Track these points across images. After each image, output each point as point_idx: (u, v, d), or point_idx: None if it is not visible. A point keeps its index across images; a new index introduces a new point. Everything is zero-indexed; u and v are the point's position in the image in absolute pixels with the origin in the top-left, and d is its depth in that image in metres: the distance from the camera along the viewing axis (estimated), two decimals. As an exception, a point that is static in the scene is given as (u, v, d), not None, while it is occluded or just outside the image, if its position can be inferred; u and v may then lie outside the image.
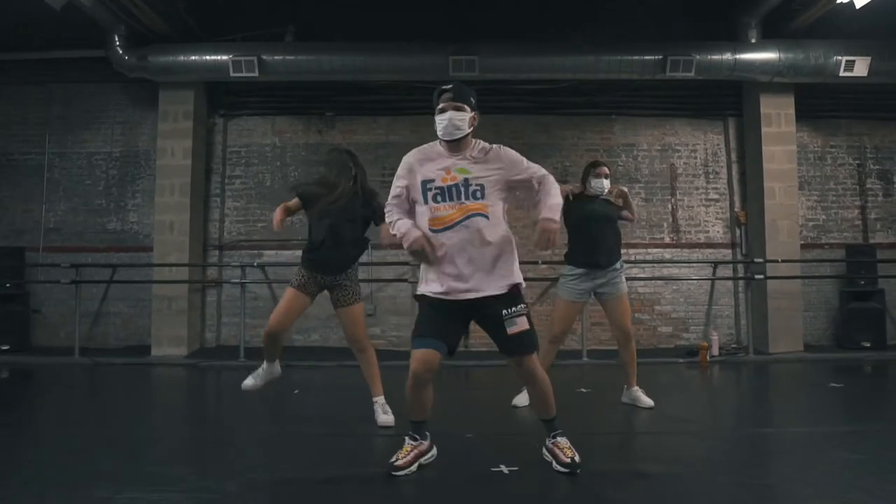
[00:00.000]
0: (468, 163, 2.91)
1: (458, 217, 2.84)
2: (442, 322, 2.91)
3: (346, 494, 2.80)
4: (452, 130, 2.89)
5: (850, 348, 7.15)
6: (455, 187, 2.86)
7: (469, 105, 2.93)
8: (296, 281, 3.94)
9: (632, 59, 6.92)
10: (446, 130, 2.89)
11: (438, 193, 2.88)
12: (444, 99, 2.92)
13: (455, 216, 2.84)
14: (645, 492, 2.82)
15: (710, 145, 7.93)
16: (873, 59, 6.83)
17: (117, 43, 6.97)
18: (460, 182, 2.86)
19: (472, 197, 2.85)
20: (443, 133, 2.92)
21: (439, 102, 2.93)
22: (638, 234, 7.78)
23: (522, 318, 2.87)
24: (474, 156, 2.93)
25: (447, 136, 2.91)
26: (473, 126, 2.96)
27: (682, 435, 3.79)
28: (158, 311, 7.23)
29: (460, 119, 2.88)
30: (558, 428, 3.08)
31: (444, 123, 2.89)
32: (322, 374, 6.30)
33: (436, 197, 2.88)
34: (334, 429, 3.92)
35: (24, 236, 7.73)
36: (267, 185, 7.83)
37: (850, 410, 4.74)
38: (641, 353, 6.96)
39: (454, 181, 2.86)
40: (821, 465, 3.15)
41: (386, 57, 6.99)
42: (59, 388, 5.68)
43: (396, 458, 2.96)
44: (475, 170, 2.89)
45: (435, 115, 2.94)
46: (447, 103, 2.90)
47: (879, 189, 7.95)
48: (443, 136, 2.93)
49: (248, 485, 2.85)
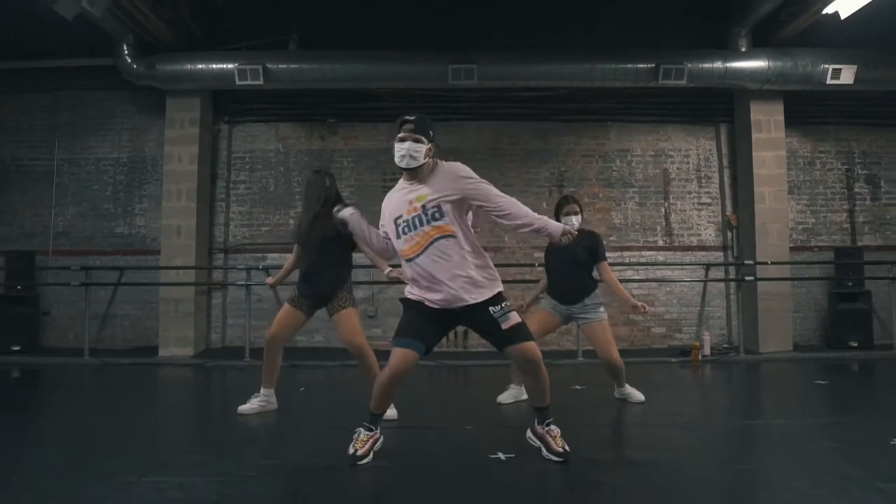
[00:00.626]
0: (423, 187, 3.05)
1: (425, 243, 3.00)
2: (423, 324, 3.11)
3: (352, 480, 2.99)
4: (409, 160, 3.03)
5: (838, 348, 7.35)
6: (417, 217, 3.02)
7: (427, 137, 3.06)
8: (291, 296, 4.20)
9: (626, 67, 7.14)
10: (403, 159, 3.04)
11: (405, 225, 3.05)
12: (405, 129, 3.06)
13: (422, 242, 3.01)
14: (635, 476, 3.02)
15: (702, 151, 8.16)
16: (859, 68, 7.05)
17: (125, 52, 7.15)
18: (420, 210, 3.01)
19: (433, 219, 2.99)
20: (399, 161, 3.07)
21: (400, 131, 3.07)
22: (632, 237, 8.00)
23: (512, 312, 3.09)
24: (426, 179, 3.07)
25: (403, 164, 3.06)
26: (429, 157, 3.08)
27: (672, 427, 3.99)
28: (166, 313, 7.41)
29: (417, 150, 3.02)
30: (551, 416, 3.27)
31: (402, 152, 3.04)
32: (325, 373, 6.49)
33: (404, 230, 3.06)
34: (339, 422, 4.09)
35: (33, 240, 7.93)
36: (271, 191, 8.03)
37: (832, 405, 4.95)
38: (636, 353, 7.29)
39: (416, 211, 3.02)
40: (804, 453, 3.35)
41: (387, 65, 7.20)
42: (72, 387, 5.85)
43: (356, 450, 3.15)
44: (428, 192, 3.03)
45: (395, 142, 3.09)
46: (407, 133, 3.04)
47: (867, 193, 8.18)
48: (399, 164, 3.07)
49: (264, 470, 3.05)
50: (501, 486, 2.89)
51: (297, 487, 2.88)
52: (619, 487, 2.86)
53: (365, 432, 3.24)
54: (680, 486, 2.88)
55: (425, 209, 3.00)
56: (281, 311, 4.20)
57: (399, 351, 3.06)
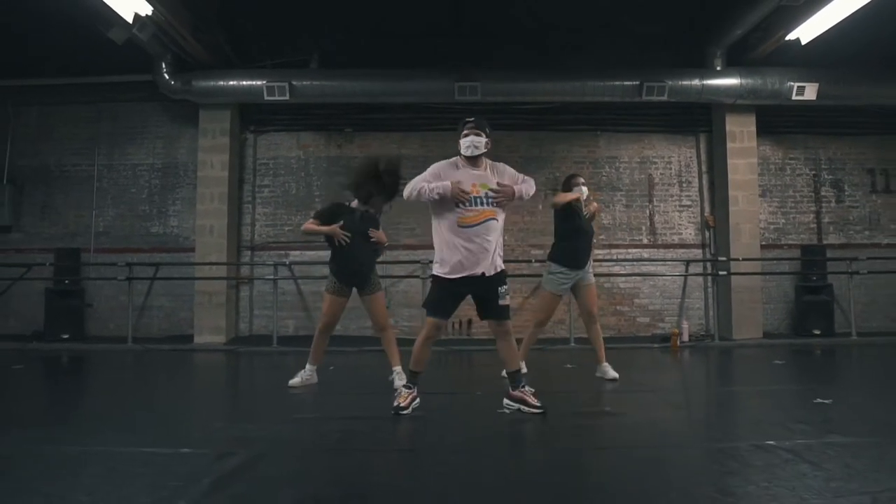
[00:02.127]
0: (487, 175, 3.94)
1: (480, 219, 3.85)
2: (448, 298, 3.99)
3: (395, 428, 3.83)
4: (473, 150, 3.92)
5: (803, 335, 8.21)
6: (479, 198, 3.87)
7: (485, 133, 3.96)
8: (330, 286, 4.93)
9: (613, 84, 8.00)
10: (468, 149, 3.92)
11: (474, 198, 3.87)
12: (468, 127, 3.96)
13: (478, 218, 3.85)
14: (611, 422, 3.88)
15: (683, 158, 9.01)
16: (821, 85, 7.90)
17: (164, 69, 7.96)
18: (481, 194, 3.88)
19: (489, 205, 3.88)
20: (465, 150, 3.94)
21: (464, 129, 3.96)
22: (619, 236, 8.86)
23: (507, 296, 4.03)
24: (488, 173, 3.96)
25: (468, 153, 3.93)
26: (488, 148, 3.98)
27: (648, 393, 4.86)
28: (200, 304, 8.24)
29: (478, 142, 3.92)
30: (523, 379, 4.12)
31: (467, 144, 3.93)
32: (346, 358, 7.32)
33: (471, 200, 3.86)
34: (374, 389, 4.95)
35: (77, 239, 8.74)
36: (292, 194, 8.86)
37: (780, 378, 5.85)
38: (622, 339, 8.17)
39: (478, 193, 3.87)
40: (747, 411, 4.24)
41: (399, 82, 8.05)
42: (120, 369, 6.70)
43: (398, 403, 3.98)
44: (491, 184, 3.90)
45: (460, 139, 3.97)
46: (470, 130, 3.94)
47: (832, 196, 9.04)
48: (465, 152, 3.94)
49: (322, 420, 3.91)
50: (505, 431, 3.75)
51: (352, 429, 3.72)
52: (597, 429, 3.72)
53: (405, 390, 4.07)
54: (650, 426, 3.75)
55: (487, 195, 3.86)
56: (327, 303, 4.96)
57: (434, 320, 3.98)
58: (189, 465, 2.95)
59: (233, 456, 3.03)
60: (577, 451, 3.30)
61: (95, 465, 2.93)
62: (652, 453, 3.17)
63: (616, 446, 3.38)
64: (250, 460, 2.99)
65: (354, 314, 8.51)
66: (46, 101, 8.82)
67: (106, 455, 3.09)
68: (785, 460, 2.88)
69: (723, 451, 3.11)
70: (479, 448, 3.34)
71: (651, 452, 3.19)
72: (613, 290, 8.75)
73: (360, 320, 8.61)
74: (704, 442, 3.46)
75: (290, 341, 7.75)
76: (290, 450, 3.31)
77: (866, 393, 4.80)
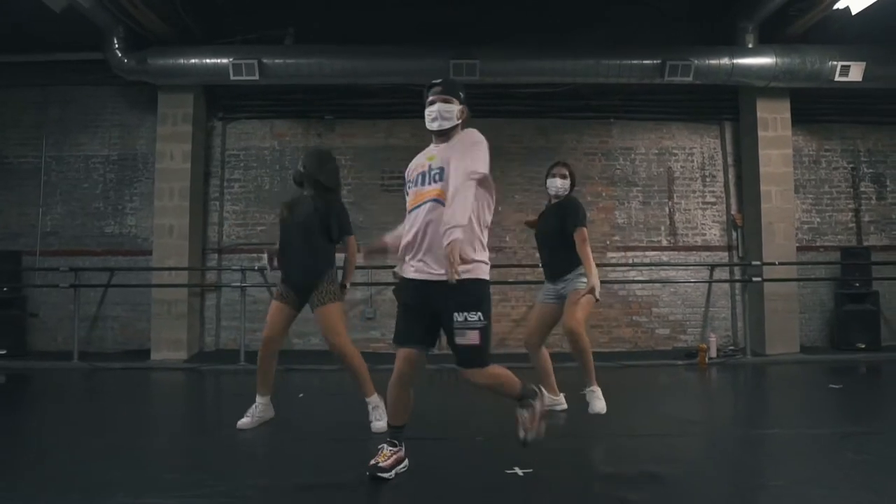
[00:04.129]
0: (441, 147, 2.92)
1: (416, 202, 2.87)
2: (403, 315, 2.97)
3: (361, 499, 2.81)
4: (441, 122, 2.90)
5: (845, 350, 7.24)
6: (422, 174, 2.89)
7: (457, 98, 2.94)
8: (278, 291, 4.01)
9: (631, 63, 6.98)
10: (434, 122, 2.92)
11: (411, 181, 2.95)
12: (433, 92, 2.95)
13: (415, 201, 2.88)
14: (657, 493, 2.86)
15: (706, 149, 8.02)
16: (868, 65, 6.93)
17: (115, 45, 6.92)
18: (426, 168, 2.89)
19: (432, 181, 2.83)
20: (430, 123, 2.94)
21: (429, 96, 2.96)
22: (636, 237, 7.85)
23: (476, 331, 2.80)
24: (450, 144, 2.92)
25: (434, 125, 2.92)
26: (462, 118, 2.96)
27: (687, 437, 3.83)
28: (158, 315, 7.20)
29: (447, 110, 2.90)
30: None
31: (432, 115, 2.92)
32: (322, 377, 6.30)
33: (409, 185, 2.97)
34: (341, 434, 3.92)
35: (20, 240, 7.68)
36: (266, 189, 7.83)
37: (851, 412, 4.80)
38: (640, 355, 7.13)
39: (423, 168, 2.90)
40: (829, 465, 3.20)
41: (386, 60, 7.02)
42: (60, 394, 5.64)
43: (377, 462, 2.94)
44: (440, 153, 2.89)
45: (425, 109, 2.96)
46: (436, 96, 2.92)
47: (873, 192, 8.06)
48: (430, 126, 2.95)
49: (266, 490, 2.87)
50: None
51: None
52: None
53: (388, 447, 3.02)
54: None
55: (430, 168, 2.87)
56: (270, 311, 3.98)
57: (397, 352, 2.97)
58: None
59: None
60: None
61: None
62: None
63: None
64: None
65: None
66: (-16, 83, 7.75)
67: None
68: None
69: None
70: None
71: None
72: (629, 299, 7.74)
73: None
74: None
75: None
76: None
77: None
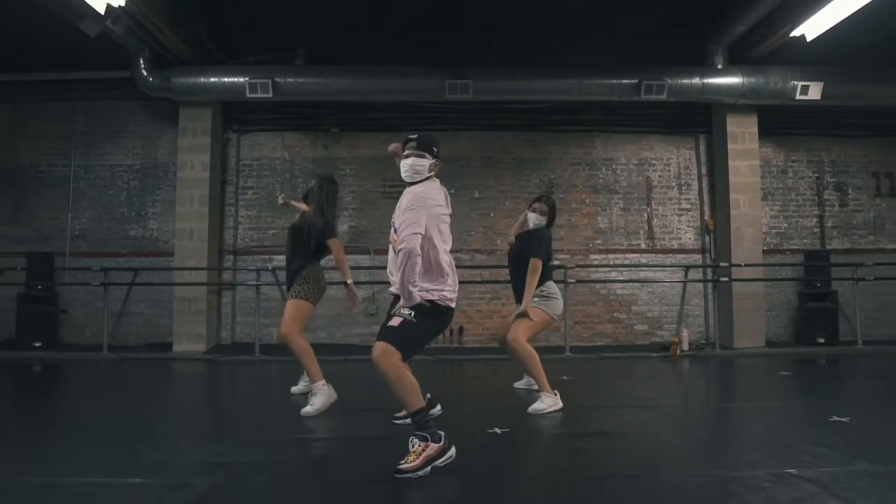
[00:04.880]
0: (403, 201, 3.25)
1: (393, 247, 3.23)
2: None
3: (363, 458, 3.49)
4: (412, 174, 3.29)
5: (807, 344, 7.90)
6: (393, 223, 3.27)
7: (430, 153, 3.31)
8: None
9: (610, 82, 7.67)
10: (407, 174, 3.31)
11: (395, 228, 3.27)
12: (409, 146, 3.33)
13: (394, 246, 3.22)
14: (611, 446, 3.54)
15: (682, 160, 8.71)
16: (826, 85, 7.60)
17: (142, 65, 7.59)
18: (394, 217, 3.26)
19: (394, 231, 3.22)
20: (403, 174, 3.33)
21: (405, 149, 3.35)
22: (616, 241, 8.54)
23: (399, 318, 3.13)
24: None
25: (406, 177, 3.31)
26: (434, 171, 3.34)
27: (651, 410, 4.52)
28: (180, 311, 7.87)
29: (420, 164, 3.28)
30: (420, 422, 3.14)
31: (405, 168, 3.31)
32: (328, 367, 6.94)
33: None
34: (356, 406, 4.60)
35: (51, 242, 8.35)
36: (277, 196, 8.48)
37: (789, 391, 5.51)
38: (620, 348, 7.81)
39: (394, 217, 3.27)
40: (755, 428, 3.90)
41: (388, 80, 7.70)
42: (95, 380, 6.32)
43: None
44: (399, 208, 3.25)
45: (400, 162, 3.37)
46: (411, 151, 3.31)
47: (836, 200, 8.75)
48: (403, 176, 3.33)
49: (270, 447, 3.55)
50: (497, 454, 3.41)
51: (329, 454, 3.37)
52: (596, 453, 3.38)
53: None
54: (655, 449, 3.41)
55: (394, 221, 3.26)
56: None
57: None
58: (134, 499, 2.60)
59: (186, 488, 2.68)
60: (576, 481, 2.96)
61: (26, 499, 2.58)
62: (658, 484, 2.84)
63: (617, 475, 3.04)
64: (205, 493, 2.64)
65: (340, 321, 8.28)
66: (19, 98, 8.42)
67: (43, 487, 2.73)
68: (811, 494, 2.56)
69: (738, 480, 2.79)
70: (465, 476, 3.00)
71: (657, 483, 2.85)
72: (610, 297, 8.43)
73: (346, 328, 8.32)
74: (717, 469, 3.11)
75: (273, 350, 7.38)
76: (254, 479, 2.96)
77: (884, 410, 4.45)
